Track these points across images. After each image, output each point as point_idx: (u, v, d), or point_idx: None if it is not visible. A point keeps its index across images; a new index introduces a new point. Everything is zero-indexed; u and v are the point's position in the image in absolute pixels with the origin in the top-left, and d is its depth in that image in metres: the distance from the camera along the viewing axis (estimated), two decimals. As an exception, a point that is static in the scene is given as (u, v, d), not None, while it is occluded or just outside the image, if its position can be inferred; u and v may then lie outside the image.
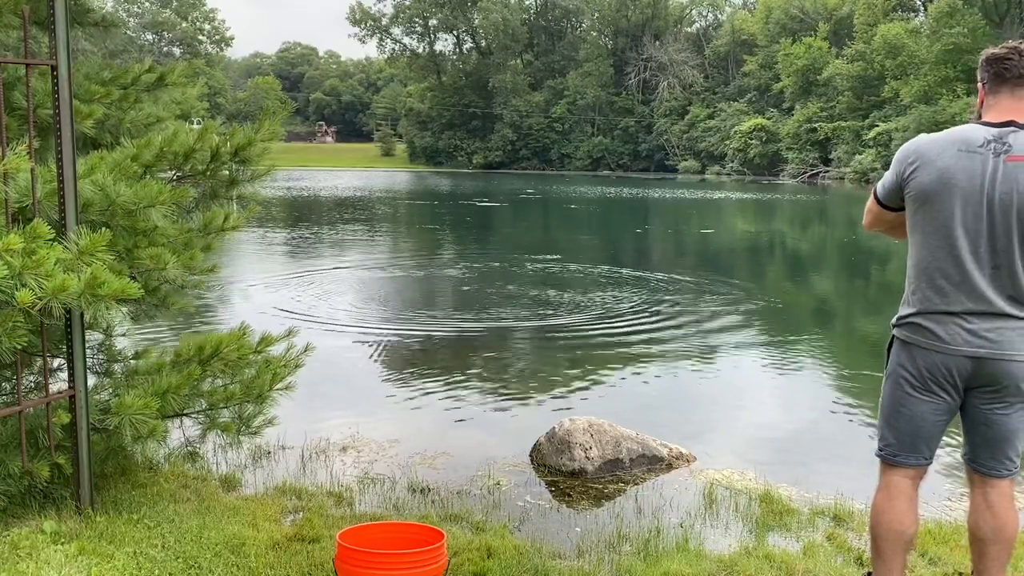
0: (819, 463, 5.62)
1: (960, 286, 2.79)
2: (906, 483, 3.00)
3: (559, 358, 8.67)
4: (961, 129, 2.86)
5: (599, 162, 76.21)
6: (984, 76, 2.91)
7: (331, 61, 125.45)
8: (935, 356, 2.85)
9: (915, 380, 2.91)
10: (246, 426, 4.35)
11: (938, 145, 2.85)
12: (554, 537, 4.22)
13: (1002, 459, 2.90)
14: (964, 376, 2.84)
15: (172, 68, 4.52)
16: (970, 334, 2.79)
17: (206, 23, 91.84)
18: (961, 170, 2.76)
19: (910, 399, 2.93)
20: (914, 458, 2.97)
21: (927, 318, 2.87)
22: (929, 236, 2.85)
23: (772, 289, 14.46)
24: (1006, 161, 2.72)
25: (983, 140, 2.77)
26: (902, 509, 2.98)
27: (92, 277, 3.10)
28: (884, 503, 3.02)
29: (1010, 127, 2.78)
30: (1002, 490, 2.93)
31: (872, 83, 59.03)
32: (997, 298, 2.76)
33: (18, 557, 3.16)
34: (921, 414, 2.93)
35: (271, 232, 21.40)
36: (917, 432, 2.95)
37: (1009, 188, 2.71)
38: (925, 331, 2.87)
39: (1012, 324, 2.77)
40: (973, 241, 2.77)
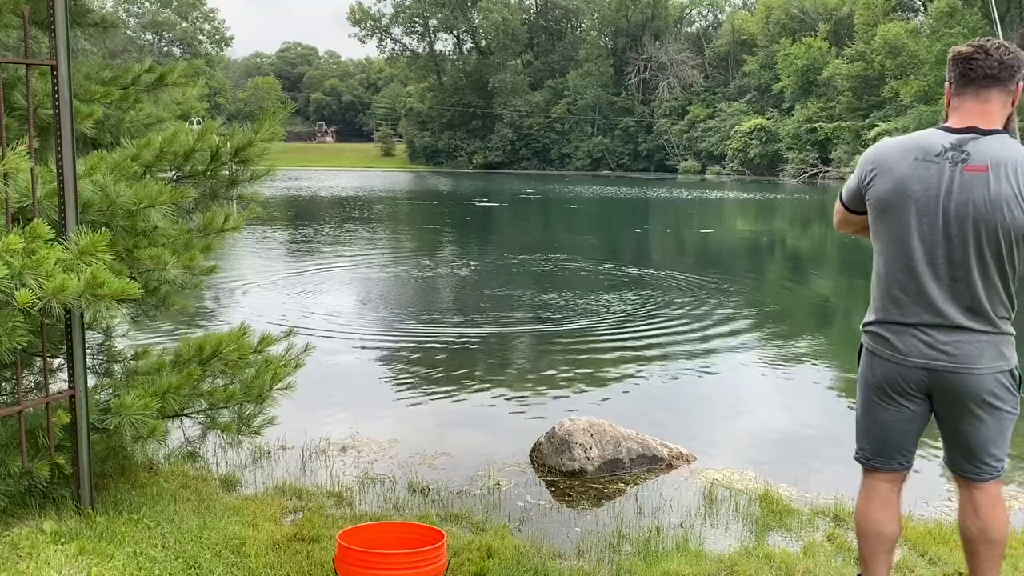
0: (819, 463, 5.62)
1: (916, 298, 2.74)
2: (884, 487, 2.98)
3: (559, 358, 8.67)
4: (922, 135, 2.78)
5: (599, 162, 76.20)
6: (951, 75, 2.80)
7: (331, 61, 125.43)
8: (891, 366, 2.83)
9: (877, 388, 2.90)
10: (246, 426, 4.35)
11: (897, 153, 2.78)
12: (554, 537, 4.22)
13: (980, 464, 2.86)
14: (922, 387, 2.80)
15: (172, 68, 4.52)
16: (926, 346, 2.74)
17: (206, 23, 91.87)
18: (917, 180, 2.69)
19: (875, 406, 2.93)
20: (887, 463, 2.96)
21: (885, 327, 2.84)
22: (887, 246, 2.80)
23: (772, 289, 14.47)
24: (963, 171, 2.64)
25: (941, 148, 2.69)
26: (879, 511, 2.98)
27: (92, 277, 3.10)
28: (863, 506, 3.03)
29: (970, 134, 2.68)
30: (987, 492, 2.88)
31: (872, 83, 59.03)
32: (954, 311, 2.70)
33: (18, 557, 3.16)
34: (888, 421, 2.91)
35: (271, 232, 21.39)
36: (886, 438, 2.93)
37: (965, 199, 2.63)
38: (883, 340, 2.84)
39: (970, 337, 2.71)
40: (930, 253, 2.70)
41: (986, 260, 2.67)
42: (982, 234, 2.65)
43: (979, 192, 2.62)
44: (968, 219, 2.64)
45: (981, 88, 2.72)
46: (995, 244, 2.65)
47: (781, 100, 66.75)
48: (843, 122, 59.86)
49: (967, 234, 2.65)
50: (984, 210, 2.62)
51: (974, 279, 2.68)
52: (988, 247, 2.66)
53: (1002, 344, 2.75)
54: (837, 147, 59.51)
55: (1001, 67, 2.70)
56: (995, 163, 2.63)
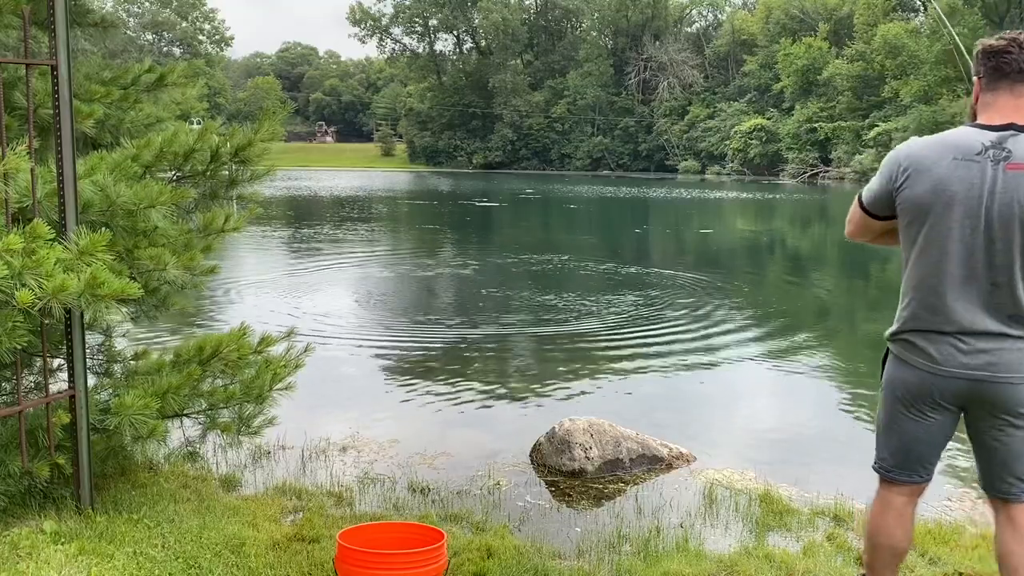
0: (819, 463, 5.62)
1: (955, 304, 2.59)
2: (900, 500, 2.85)
3: (559, 358, 8.67)
4: (957, 133, 2.63)
5: (599, 162, 76.19)
6: (980, 70, 2.66)
7: (331, 61, 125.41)
8: (927, 377, 2.67)
9: (907, 399, 2.74)
10: (246, 426, 4.35)
11: (933, 152, 2.62)
12: (554, 537, 4.22)
13: (1017, 482, 2.68)
14: (960, 398, 2.65)
15: (172, 69, 4.52)
16: (965, 355, 2.59)
17: (206, 23, 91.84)
18: (958, 180, 2.55)
19: (902, 418, 2.77)
20: (906, 475, 2.82)
21: (920, 336, 2.68)
22: (923, 251, 2.64)
23: (771, 288, 14.47)
24: (1006, 169, 2.51)
25: (981, 147, 2.54)
26: (892, 525, 2.86)
27: (92, 277, 3.10)
28: (877, 517, 2.90)
29: (1009, 130, 2.55)
30: (1014, 516, 2.70)
31: (872, 83, 59.03)
32: (995, 318, 2.56)
33: (18, 557, 3.16)
34: (913, 433, 2.76)
35: (271, 232, 21.39)
36: (909, 451, 2.79)
37: (1010, 199, 2.50)
38: (918, 350, 2.68)
39: (1011, 344, 2.56)
40: (970, 257, 2.56)
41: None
42: None
43: (1022, 190, 2.50)
44: (1014, 220, 2.50)
45: (1016, 83, 2.60)
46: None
47: (781, 100, 66.75)
48: (843, 122, 59.85)
49: (1012, 236, 2.52)
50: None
51: (1017, 283, 2.54)
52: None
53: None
54: (837, 147, 59.50)
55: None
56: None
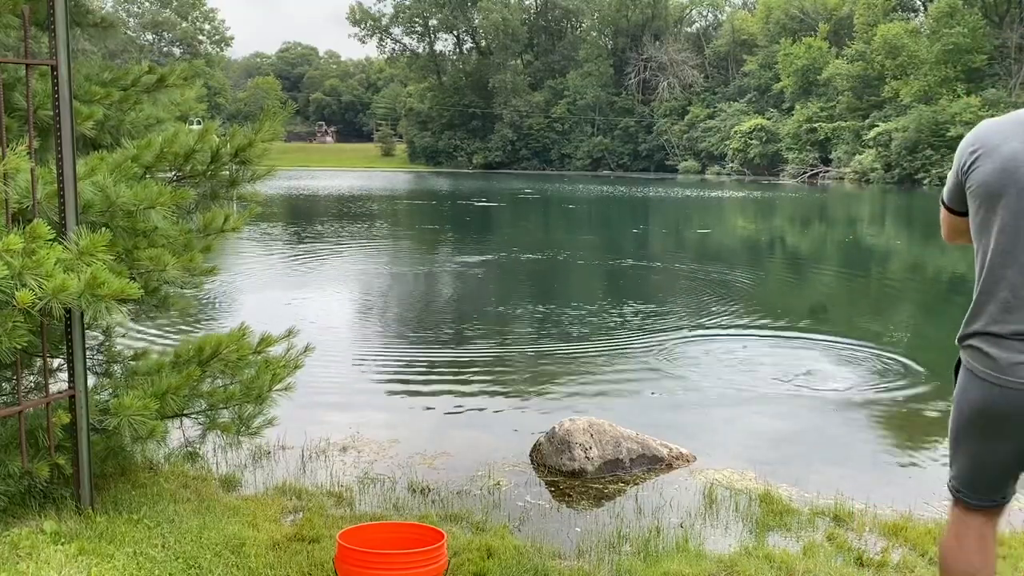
0: (819, 463, 5.62)
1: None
2: (977, 521, 2.48)
3: (558, 357, 8.67)
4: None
5: (599, 162, 76.17)
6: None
7: (331, 61, 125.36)
8: (995, 390, 2.28)
9: (972, 414, 2.37)
10: (246, 426, 4.35)
11: (1004, 129, 2.30)
12: (554, 537, 4.22)
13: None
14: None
15: (172, 70, 4.52)
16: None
17: (206, 23, 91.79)
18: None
19: (968, 436, 2.42)
20: (976, 499, 2.46)
21: (987, 340, 2.31)
22: (994, 238, 2.30)
23: (771, 288, 14.47)
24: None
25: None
26: (972, 552, 2.47)
27: (92, 277, 3.10)
28: (952, 542, 2.53)
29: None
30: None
31: (872, 83, 59.01)
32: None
33: (18, 557, 3.16)
34: (980, 456, 2.41)
35: (270, 232, 21.40)
36: (979, 473, 2.44)
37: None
38: (984, 356, 2.31)
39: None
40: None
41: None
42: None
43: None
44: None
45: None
46: None
47: (781, 100, 66.72)
48: (843, 122, 59.82)
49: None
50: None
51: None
52: None
53: None
54: (837, 147, 59.47)
55: None
56: None
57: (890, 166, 52.68)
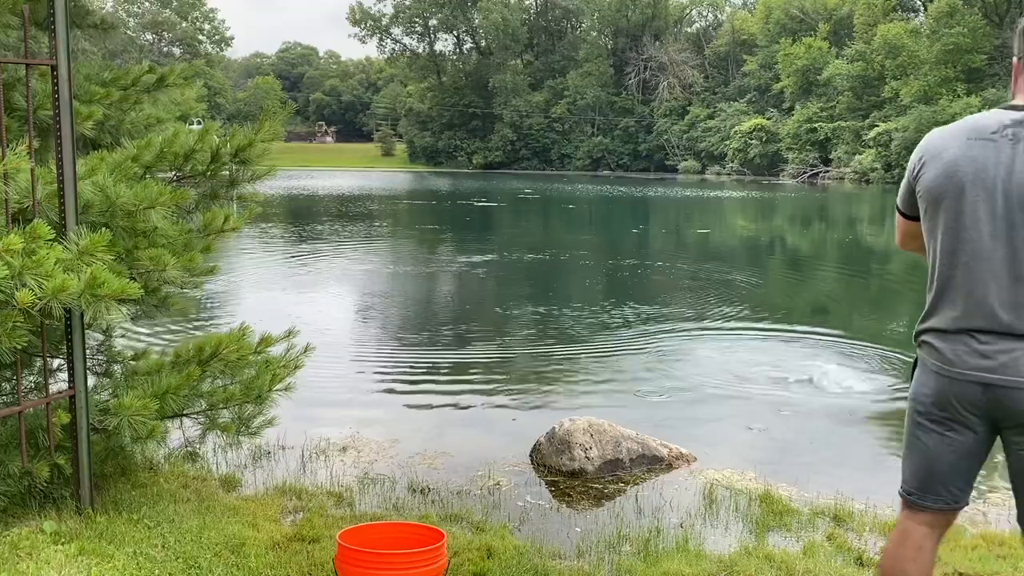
0: (819, 463, 5.62)
1: (971, 298, 2.33)
2: (920, 531, 2.52)
3: (558, 357, 8.67)
4: (978, 115, 2.41)
5: (599, 162, 76.18)
6: (1019, 48, 2.42)
7: (331, 61, 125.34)
8: (942, 381, 2.40)
9: (926, 408, 2.47)
10: (246, 427, 4.35)
11: (947, 136, 2.41)
12: (554, 537, 4.22)
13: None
14: (978, 408, 2.36)
15: (172, 69, 4.52)
16: (980, 356, 2.32)
17: (206, 23, 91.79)
18: (969, 161, 2.31)
19: (921, 429, 2.50)
20: (931, 499, 2.49)
21: (937, 336, 2.42)
22: (939, 240, 2.41)
23: (771, 288, 14.46)
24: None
25: (999, 126, 2.31)
26: (906, 557, 2.52)
27: (92, 277, 3.10)
28: (892, 548, 2.59)
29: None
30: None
31: (872, 83, 59.01)
32: (1016, 315, 2.28)
33: (18, 557, 3.16)
34: (934, 450, 2.47)
35: (270, 231, 21.40)
36: (931, 470, 2.49)
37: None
38: (934, 351, 2.43)
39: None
40: (988, 246, 2.30)
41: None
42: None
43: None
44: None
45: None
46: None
47: (781, 100, 66.72)
48: (843, 122, 59.82)
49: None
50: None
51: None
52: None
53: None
54: (837, 147, 59.47)
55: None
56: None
57: (890, 166, 52.67)
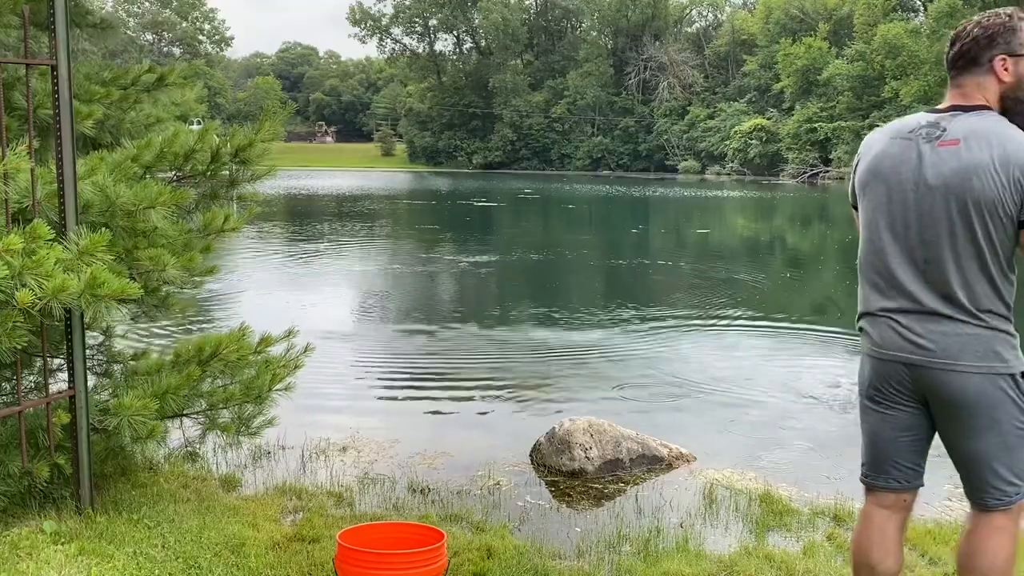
0: (819, 463, 5.62)
1: (891, 282, 2.54)
2: (880, 514, 2.69)
3: (558, 357, 8.67)
4: (906, 117, 2.64)
5: (599, 162, 76.21)
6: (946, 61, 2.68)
7: (331, 61, 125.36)
8: (874, 363, 2.61)
9: (865, 390, 2.67)
10: (246, 426, 4.35)
11: (877, 135, 2.67)
12: (554, 537, 4.22)
13: (985, 487, 2.51)
14: (906, 387, 2.54)
15: (172, 69, 4.52)
16: (901, 337, 2.52)
17: (206, 23, 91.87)
18: (888, 157, 2.55)
19: (866, 411, 2.69)
20: (883, 480, 2.67)
21: (866, 319, 2.65)
22: (864, 230, 2.65)
23: (771, 288, 14.46)
24: (937, 146, 2.47)
25: (916, 125, 2.54)
26: (870, 540, 2.69)
27: (92, 277, 3.10)
28: (856, 534, 2.77)
29: (952, 111, 2.54)
30: (988, 520, 2.55)
31: (872, 83, 59.04)
32: (929, 296, 2.47)
33: (18, 557, 3.16)
34: (877, 429, 2.65)
35: (270, 231, 21.40)
36: (876, 447, 2.67)
37: (936, 173, 2.44)
38: (865, 334, 2.65)
39: (948, 327, 2.44)
40: (902, 234, 2.51)
41: (957, 238, 2.43)
42: (952, 208, 2.43)
43: (950, 164, 2.43)
44: (937, 193, 2.44)
45: (952, 75, 2.63)
46: (966, 219, 2.41)
47: (781, 100, 66.75)
48: (843, 122, 59.84)
49: (937, 210, 2.45)
50: (953, 182, 2.42)
51: (946, 260, 2.44)
52: (960, 223, 2.42)
53: (994, 342, 2.44)
54: (837, 147, 59.49)
55: (959, 56, 2.60)
56: (969, 134, 2.45)
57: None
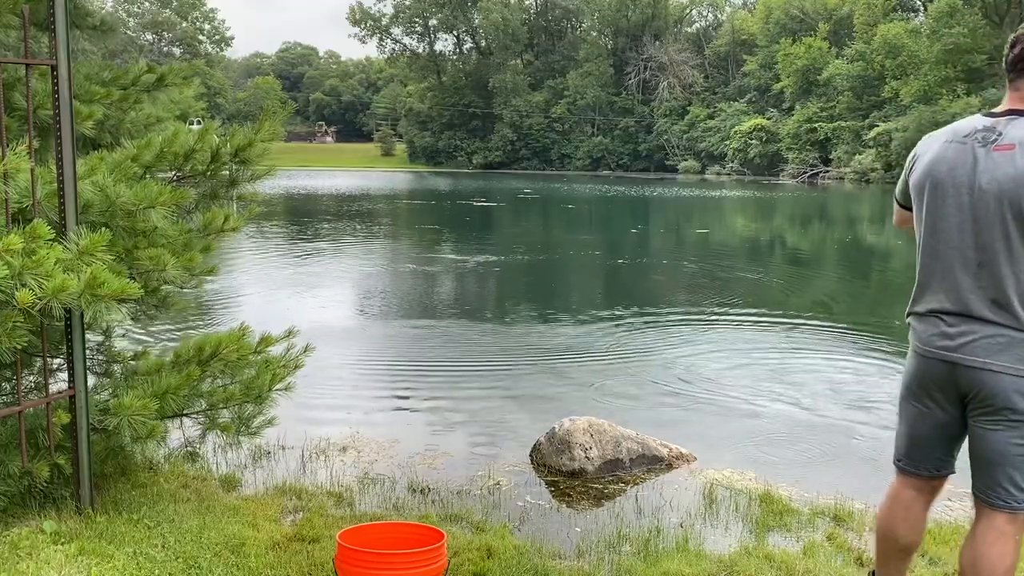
0: (819, 463, 5.62)
1: (942, 283, 2.62)
2: (907, 493, 2.85)
3: (558, 357, 8.67)
4: (961, 121, 2.71)
5: (599, 162, 76.21)
6: (1006, 60, 2.70)
7: (331, 61, 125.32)
8: (919, 360, 2.71)
9: (906, 383, 2.79)
10: (246, 426, 4.35)
11: (932, 139, 2.74)
12: (554, 537, 4.22)
13: (995, 486, 2.60)
14: (946, 384, 2.64)
15: (171, 68, 4.53)
16: (944, 336, 2.61)
17: (206, 23, 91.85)
18: (944, 161, 2.62)
19: (905, 403, 2.82)
20: (912, 466, 2.83)
21: (916, 318, 2.74)
22: (921, 232, 2.72)
23: (770, 287, 14.46)
24: (992, 151, 2.52)
25: (971, 130, 2.60)
26: (896, 518, 2.87)
27: (92, 277, 3.10)
28: (884, 508, 2.93)
29: (1010, 115, 2.57)
30: (992, 522, 2.62)
31: (872, 83, 59.03)
32: (978, 300, 2.54)
33: (18, 557, 3.16)
34: (913, 421, 2.79)
35: (270, 231, 21.40)
36: (911, 439, 2.81)
37: (991, 179, 2.50)
38: (914, 332, 2.75)
39: (989, 330, 2.52)
40: (957, 236, 2.58)
41: (1012, 244, 2.49)
42: (1007, 214, 2.48)
43: (1005, 170, 2.48)
44: (992, 198, 2.50)
45: (1012, 79, 2.64)
46: (1020, 223, 2.47)
47: (781, 100, 66.74)
48: (843, 122, 59.84)
49: (992, 215, 2.50)
50: (1009, 187, 2.47)
51: (1000, 265, 2.50)
52: (1014, 227, 2.48)
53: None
54: (837, 147, 59.49)
55: (1019, 59, 2.61)
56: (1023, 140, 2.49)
57: (890, 166, 52.66)
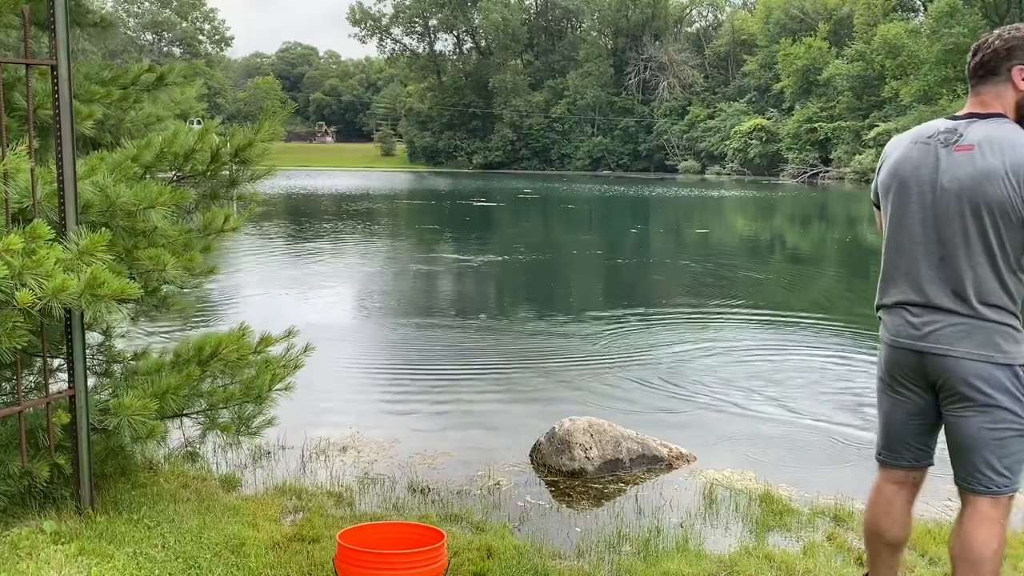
0: (819, 463, 5.62)
1: (906, 277, 2.76)
2: (889, 488, 2.94)
3: (558, 357, 8.67)
4: (926, 123, 2.85)
5: (599, 162, 76.22)
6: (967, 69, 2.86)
7: (331, 61, 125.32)
8: (889, 351, 2.83)
9: (881, 375, 2.90)
10: (246, 426, 4.35)
11: (900, 139, 2.88)
12: (554, 537, 4.22)
13: (974, 472, 2.69)
14: (916, 374, 2.76)
15: (171, 68, 4.52)
16: (911, 327, 2.74)
17: (206, 23, 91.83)
18: (909, 161, 2.76)
19: (881, 395, 2.92)
20: (892, 458, 2.92)
21: (884, 311, 2.86)
22: (886, 228, 2.85)
23: (770, 287, 14.46)
24: (953, 151, 2.66)
25: (935, 131, 2.75)
26: (879, 512, 2.95)
27: (92, 277, 3.10)
28: (868, 504, 3.02)
29: (970, 118, 2.72)
30: (975, 507, 2.71)
31: (872, 83, 59.04)
32: (939, 291, 2.68)
33: (18, 557, 3.16)
34: (889, 412, 2.89)
35: (270, 231, 21.40)
36: (889, 429, 2.91)
37: (952, 177, 2.64)
38: (883, 325, 2.87)
39: (950, 319, 2.66)
40: (920, 232, 2.72)
41: (970, 239, 2.63)
42: (966, 211, 2.62)
43: (965, 169, 2.63)
44: (952, 196, 2.64)
45: (972, 84, 2.78)
46: (979, 220, 2.61)
47: (781, 100, 66.75)
48: (843, 122, 59.84)
49: (952, 212, 2.65)
50: (968, 185, 2.61)
51: (959, 259, 2.65)
52: (973, 224, 2.63)
53: (996, 334, 2.63)
54: (837, 147, 59.50)
55: (979, 66, 2.76)
56: (983, 140, 2.63)
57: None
